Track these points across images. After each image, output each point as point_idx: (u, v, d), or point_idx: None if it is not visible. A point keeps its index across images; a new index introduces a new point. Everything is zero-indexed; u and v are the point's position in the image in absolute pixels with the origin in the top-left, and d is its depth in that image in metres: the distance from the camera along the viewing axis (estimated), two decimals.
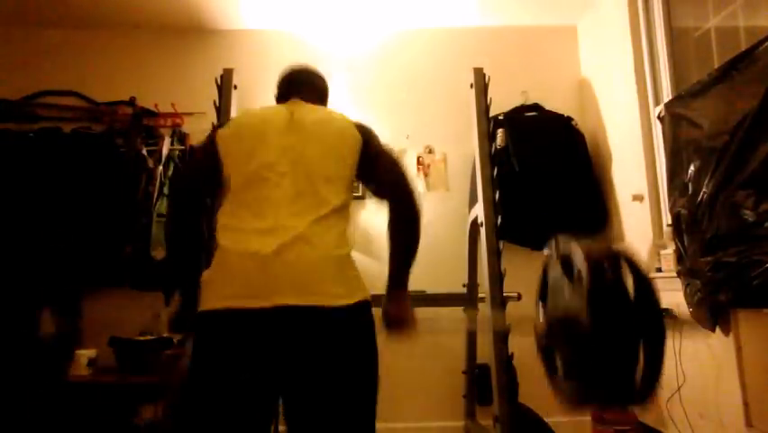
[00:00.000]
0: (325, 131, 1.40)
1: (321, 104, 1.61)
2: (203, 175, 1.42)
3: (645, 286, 1.23)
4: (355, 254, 1.37)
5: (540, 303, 1.57)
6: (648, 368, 1.19)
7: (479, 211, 2.18)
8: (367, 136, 1.44)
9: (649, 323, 1.22)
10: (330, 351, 1.19)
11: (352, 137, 1.41)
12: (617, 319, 1.21)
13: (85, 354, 2.65)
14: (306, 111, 1.45)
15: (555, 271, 1.48)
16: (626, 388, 1.22)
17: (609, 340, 1.21)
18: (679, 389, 2.30)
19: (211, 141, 1.41)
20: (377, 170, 1.44)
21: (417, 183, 3.22)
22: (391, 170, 1.45)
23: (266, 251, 1.20)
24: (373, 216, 3.18)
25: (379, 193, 1.46)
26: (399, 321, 1.44)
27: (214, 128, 1.47)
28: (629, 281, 1.23)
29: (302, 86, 1.59)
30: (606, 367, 1.22)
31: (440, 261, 3.11)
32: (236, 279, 1.20)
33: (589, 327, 1.23)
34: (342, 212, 1.35)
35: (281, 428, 2.73)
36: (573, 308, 1.31)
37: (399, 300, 1.44)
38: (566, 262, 1.41)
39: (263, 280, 1.18)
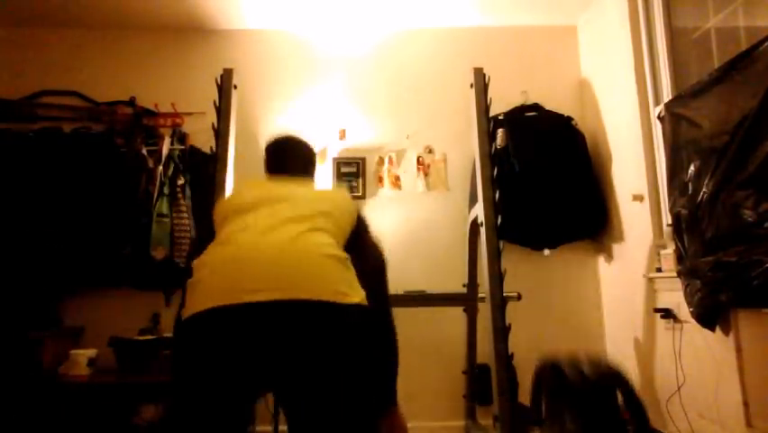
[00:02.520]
0: (322, 196, 1.44)
1: (311, 174, 1.67)
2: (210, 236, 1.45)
3: (641, 415, 1.22)
4: None
5: (536, 427, 1.55)
6: None
7: (479, 211, 2.18)
8: (361, 217, 1.49)
9: None
10: (340, 346, 1.17)
11: (348, 209, 1.45)
12: None
13: (85, 354, 2.66)
14: (303, 184, 1.50)
15: (552, 388, 1.46)
16: None
17: None
18: (679, 389, 2.30)
19: (209, 217, 1.47)
20: (361, 256, 1.41)
21: (417, 183, 3.22)
22: (375, 263, 1.45)
23: (261, 247, 1.21)
24: (373, 216, 3.18)
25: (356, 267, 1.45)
26: None
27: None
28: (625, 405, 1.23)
29: (295, 159, 1.63)
30: None
31: (440, 261, 3.11)
32: (228, 277, 1.19)
33: None
34: (337, 237, 1.35)
35: (282, 427, 2.73)
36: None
37: (394, 422, 1.41)
38: (559, 378, 1.40)
39: (260, 275, 1.17)
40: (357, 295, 1.24)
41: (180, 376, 1.18)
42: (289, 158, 1.63)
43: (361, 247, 1.43)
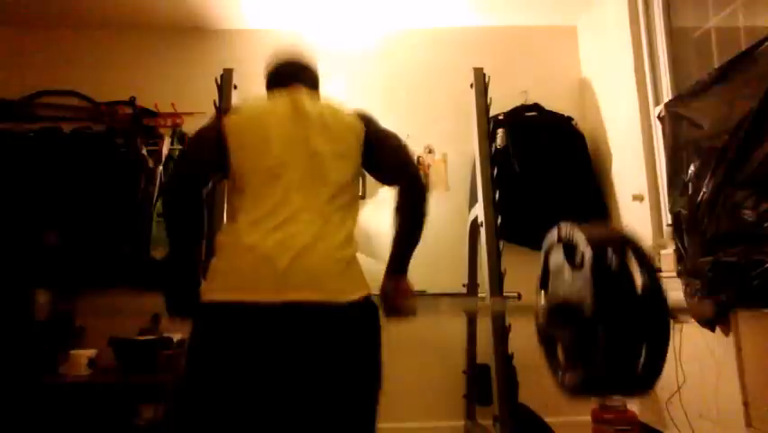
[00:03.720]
0: (330, 123, 1.41)
1: (316, 84, 1.64)
2: (207, 162, 1.37)
3: (650, 273, 1.21)
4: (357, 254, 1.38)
5: (541, 290, 1.55)
6: (650, 358, 1.17)
7: (479, 211, 2.18)
8: (368, 124, 1.47)
9: (653, 311, 1.20)
10: (336, 347, 1.20)
11: (355, 129, 1.43)
12: (621, 306, 1.19)
13: (85, 354, 2.65)
14: (309, 102, 1.44)
15: (557, 257, 1.47)
16: (628, 376, 1.20)
17: (612, 328, 1.19)
18: (679, 389, 2.30)
19: (218, 130, 1.36)
20: (382, 155, 1.46)
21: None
22: (396, 155, 1.49)
23: (277, 247, 1.21)
24: (373, 216, 3.18)
25: (386, 179, 1.50)
26: (399, 306, 1.47)
27: (219, 115, 1.43)
28: (634, 268, 1.21)
29: (297, 70, 1.61)
30: (607, 355, 1.20)
31: (440, 261, 3.10)
32: (246, 271, 1.20)
33: (591, 314, 1.22)
34: (351, 211, 1.38)
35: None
36: (575, 293, 1.30)
37: (399, 284, 1.46)
38: (569, 247, 1.40)
39: (273, 275, 1.18)
40: (358, 290, 1.26)
41: (191, 363, 1.22)
42: (294, 70, 1.62)
43: (379, 153, 1.46)
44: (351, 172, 1.39)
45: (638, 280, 1.19)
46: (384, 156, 1.47)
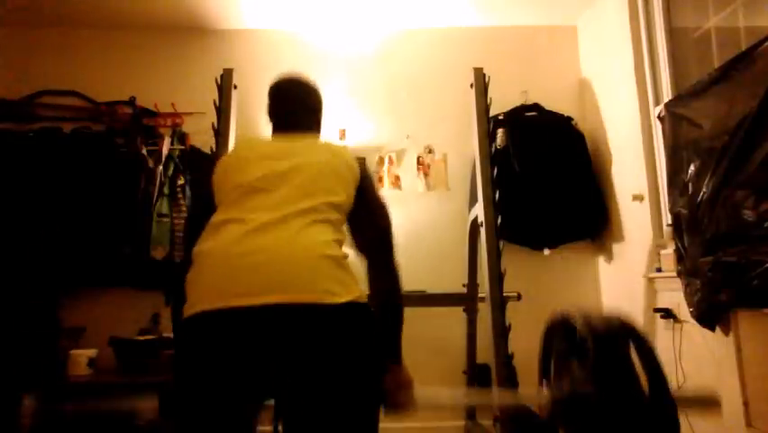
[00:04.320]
0: (325, 156, 1.38)
1: (317, 125, 1.59)
2: (210, 211, 1.38)
3: (655, 368, 1.19)
4: (354, 256, 1.36)
5: (544, 381, 1.52)
6: None
7: (479, 211, 2.18)
8: (365, 173, 1.43)
9: (660, 407, 1.18)
10: (329, 349, 1.16)
11: (353, 168, 1.39)
12: (627, 400, 1.17)
13: (85, 354, 2.65)
14: (306, 142, 1.44)
15: (559, 345, 1.43)
16: None
17: (619, 425, 1.17)
18: (679, 389, 2.30)
19: (208, 177, 1.40)
20: (367, 213, 1.41)
21: (417, 183, 3.22)
22: (381, 218, 1.42)
23: (256, 248, 1.18)
24: None
25: (363, 242, 1.42)
26: (400, 402, 1.40)
27: (211, 163, 1.45)
28: (637, 357, 1.20)
29: (296, 111, 1.55)
30: None
31: (440, 261, 3.11)
32: (221, 277, 1.17)
33: (596, 410, 1.20)
34: (338, 226, 1.32)
35: (281, 428, 2.72)
36: (579, 384, 1.27)
37: (397, 376, 1.41)
38: (570, 334, 1.37)
39: (252, 278, 1.15)
40: (349, 293, 1.21)
41: (178, 380, 1.18)
42: (295, 110, 1.54)
43: (365, 208, 1.40)
44: (341, 199, 1.33)
45: (644, 377, 1.18)
46: (368, 217, 1.41)
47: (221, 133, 2.33)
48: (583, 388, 1.24)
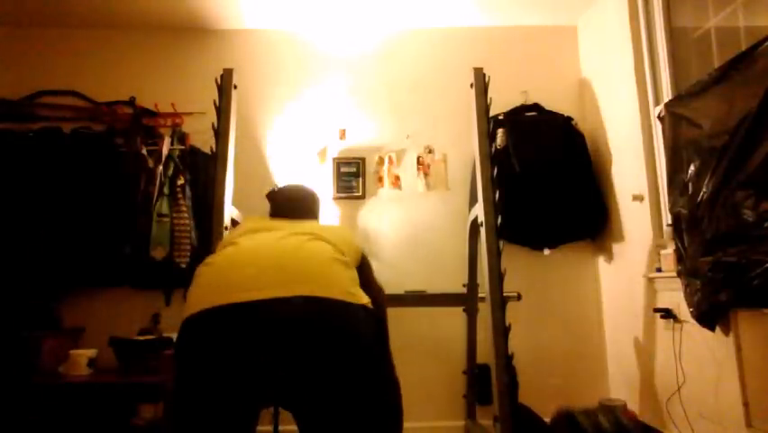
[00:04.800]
0: (330, 228, 1.47)
1: (315, 218, 1.74)
2: None
3: None
4: None
5: None
6: None
7: (479, 211, 2.18)
8: (365, 257, 1.53)
9: None
10: (350, 344, 1.17)
11: (355, 244, 1.48)
12: None
13: (85, 354, 2.65)
14: (309, 223, 1.54)
15: None
16: None
17: None
18: (679, 389, 2.30)
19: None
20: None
21: (417, 183, 3.23)
22: (376, 301, 1.45)
23: (274, 250, 1.23)
24: (373, 216, 3.18)
25: None
26: None
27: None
28: None
29: (298, 205, 1.68)
30: None
31: (440, 261, 3.11)
32: (233, 274, 1.20)
33: None
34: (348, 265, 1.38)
35: (282, 428, 2.73)
36: None
37: None
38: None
39: (277, 273, 1.18)
40: (364, 297, 1.27)
41: (182, 378, 1.17)
42: (295, 206, 1.67)
43: (363, 288, 1.41)
44: (348, 254, 1.39)
45: None
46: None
47: (221, 133, 2.33)
48: None
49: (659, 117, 2.52)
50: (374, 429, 1.17)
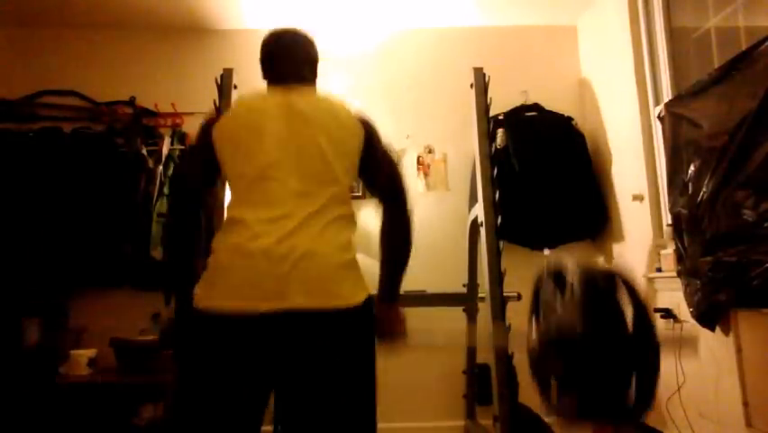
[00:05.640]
0: (328, 123, 1.35)
1: (313, 76, 1.55)
2: (201, 173, 1.39)
3: (639, 305, 1.22)
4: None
5: (532, 319, 1.56)
6: (640, 389, 1.19)
7: (479, 211, 2.18)
8: (369, 132, 1.41)
9: (642, 346, 1.21)
10: (337, 353, 1.19)
11: (355, 133, 1.37)
12: (611, 341, 1.21)
13: (85, 354, 2.66)
14: (305, 100, 1.38)
15: (548, 287, 1.47)
16: (619, 407, 1.22)
17: (603, 356, 1.21)
18: (679, 389, 2.30)
19: (206, 138, 1.36)
20: (376, 169, 1.43)
21: (417, 183, 3.23)
22: (389, 174, 1.45)
23: (276, 252, 1.19)
24: (373, 216, 3.18)
25: (375, 193, 1.47)
26: (392, 334, 1.41)
27: (208, 123, 1.41)
28: (624, 299, 1.23)
29: (294, 63, 1.49)
30: (599, 383, 1.22)
31: (440, 261, 3.11)
32: (242, 277, 1.18)
33: (582, 347, 1.24)
34: (349, 218, 1.35)
35: (281, 428, 2.72)
36: (566, 322, 1.31)
37: (391, 313, 1.41)
38: (558, 277, 1.41)
39: (273, 281, 1.17)
40: (363, 290, 1.26)
41: (187, 375, 1.20)
42: (291, 62, 1.49)
43: (374, 164, 1.41)
44: (349, 175, 1.37)
45: (629, 313, 1.21)
46: (377, 173, 1.44)
47: None
48: (569, 326, 1.28)
49: (659, 117, 2.52)
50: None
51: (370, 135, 1.41)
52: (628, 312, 1.21)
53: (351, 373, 1.20)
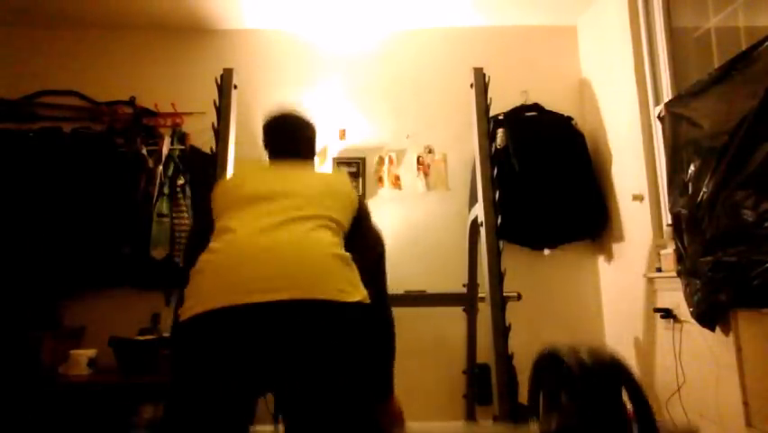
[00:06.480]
0: (325, 181, 1.44)
1: (311, 154, 1.66)
2: (209, 228, 1.42)
3: (644, 408, 1.21)
4: None
5: (534, 419, 1.54)
6: None
7: (479, 211, 2.18)
8: (363, 203, 1.49)
9: None
10: (340, 345, 1.18)
11: (351, 198, 1.44)
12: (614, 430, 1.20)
13: (85, 354, 2.66)
14: (303, 167, 1.50)
15: (549, 379, 1.45)
16: None
17: None
18: (679, 389, 2.30)
19: (208, 200, 1.46)
20: (361, 239, 1.45)
21: (417, 183, 3.23)
22: (374, 247, 1.47)
23: (267, 246, 1.20)
24: (373, 216, 3.18)
25: (357, 262, 1.42)
26: (391, 429, 1.41)
27: (213, 187, 1.50)
28: (625, 393, 1.22)
29: (292, 141, 1.61)
30: None
31: (440, 261, 3.11)
32: (234, 275, 1.18)
33: None
34: (341, 234, 1.36)
35: (281, 427, 2.71)
36: (568, 419, 1.29)
37: (388, 409, 1.42)
38: (559, 368, 1.38)
39: (266, 275, 1.16)
40: (359, 293, 1.24)
41: (180, 380, 1.18)
42: (291, 140, 1.60)
43: (361, 235, 1.43)
44: (340, 218, 1.37)
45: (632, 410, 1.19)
46: (363, 243, 1.44)
47: (221, 133, 2.33)
48: (572, 423, 1.25)
49: (659, 117, 2.52)
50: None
51: (363, 206, 1.48)
52: (629, 406, 1.19)
53: (344, 367, 1.18)
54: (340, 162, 3.21)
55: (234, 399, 1.14)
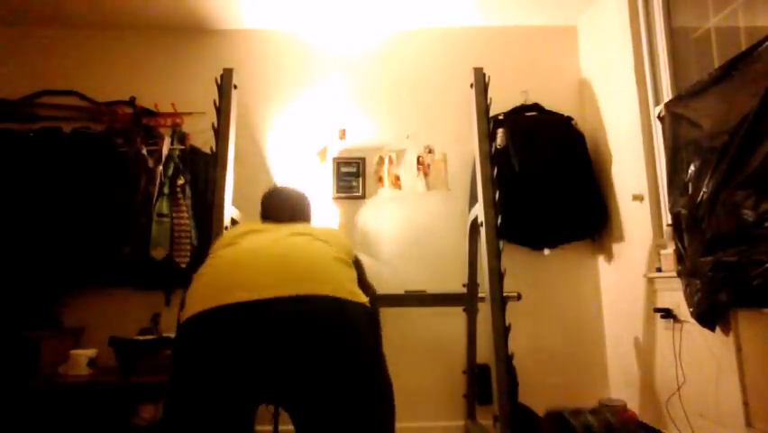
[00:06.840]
0: (325, 228, 1.51)
1: (308, 221, 1.76)
2: None
3: None
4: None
5: None
6: None
7: (479, 211, 2.18)
8: (358, 258, 1.53)
9: None
10: (353, 342, 1.17)
11: (348, 250, 1.47)
12: None
13: (85, 354, 2.66)
14: (301, 224, 1.57)
15: None
16: None
17: None
18: (679, 389, 2.30)
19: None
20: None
21: (417, 183, 3.23)
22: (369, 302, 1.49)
23: (260, 250, 1.23)
24: (373, 216, 3.18)
25: None
26: None
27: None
28: None
29: (287, 210, 1.70)
30: None
31: (440, 261, 3.11)
32: (225, 278, 1.20)
33: None
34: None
35: (281, 427, 2.72)
36: None
37: None
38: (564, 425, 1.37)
39: (277, 272, 1.18)
40: (363, 296, 1.28)
41: (179, 380, 1.17)
42: (286, 208, 1.70)
43: (358, 280, 1.46)
44: (344, 256, 1.40)
45: None
46: None
47: (221, 133, 2.33)
48: None
49: (659, 117, 2.52)
50: (370, 428, 1.17)
51: (358, 259, 1.53)
52: None
53: (353, 363, 1.17)
54: (340, 162, 3.21)
55: (236, 403, 1.14)
